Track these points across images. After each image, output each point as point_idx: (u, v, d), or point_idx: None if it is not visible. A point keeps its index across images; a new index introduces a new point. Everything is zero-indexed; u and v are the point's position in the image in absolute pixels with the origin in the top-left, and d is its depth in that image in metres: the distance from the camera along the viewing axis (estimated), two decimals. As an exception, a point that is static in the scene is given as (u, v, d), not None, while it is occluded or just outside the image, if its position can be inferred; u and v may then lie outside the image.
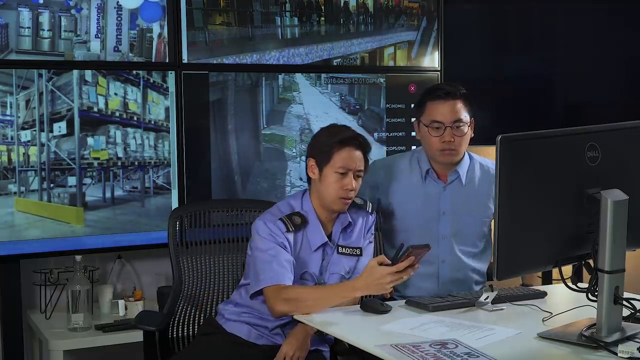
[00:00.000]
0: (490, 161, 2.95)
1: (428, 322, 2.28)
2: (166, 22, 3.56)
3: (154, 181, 3.59)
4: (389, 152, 4.03)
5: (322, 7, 3.89)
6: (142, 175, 3.57)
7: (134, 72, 3.52)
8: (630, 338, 2.03)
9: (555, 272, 2.49)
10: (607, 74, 4.20)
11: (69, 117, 3.41)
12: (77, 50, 3.43)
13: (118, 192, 3.52)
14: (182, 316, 2.94)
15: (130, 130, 3.53)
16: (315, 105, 3.90)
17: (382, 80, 4.04)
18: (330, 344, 2.77)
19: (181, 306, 2.94)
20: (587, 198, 2.01)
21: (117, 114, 3.51)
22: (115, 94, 3.50)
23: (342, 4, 3.93)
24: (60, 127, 3.40)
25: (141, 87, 3.55)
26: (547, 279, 3.67)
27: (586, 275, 2.13)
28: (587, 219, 2.03)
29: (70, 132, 3.42)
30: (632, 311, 2.10)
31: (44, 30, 3.37)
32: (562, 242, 2.05)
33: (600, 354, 1.96)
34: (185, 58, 3.60)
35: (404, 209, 2.89)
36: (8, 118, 3.32)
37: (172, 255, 2.93)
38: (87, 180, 3.46)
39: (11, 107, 3.32)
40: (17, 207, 3.34)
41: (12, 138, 3.33)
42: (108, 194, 3.50)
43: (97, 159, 3.47)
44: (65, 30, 3.40)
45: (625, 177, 2.07)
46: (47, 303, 3.50)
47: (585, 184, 2.02)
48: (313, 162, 2.67)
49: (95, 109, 3.46)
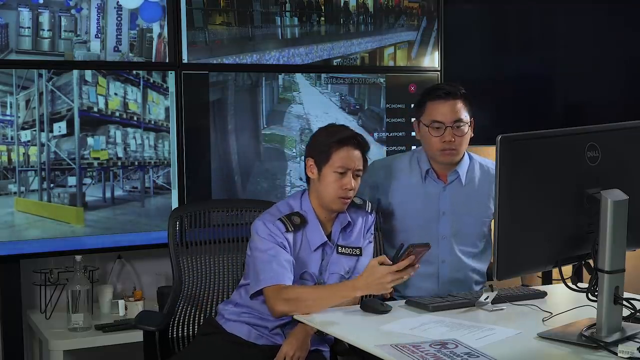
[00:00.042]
0: (490, 161, 2.95)
1: (428, 322, 2.28)
2: (166, 22, 3.56)
3: (154, 181, 3.59)
4: (389, 152, 4.03)
5: (322, 7, 3.89)
6: (142, 175, 3.57)
7: (134, 72, 3.52)
8: (630, 338, 2.03)
9: (555, 272, 2.49)
10: (607, 74, 4.20)
11: (69, 117, 3.41)
12: (77, 50, 3.43)
13: (118, 192, 3.52)
14: (182, 316, 2.94)
15: (130, 130, 3.53)
16: (315, 105, 3.89)
17: (382, 80, 4.04)
18: (330, 344, 2.77)
19: (181, 306, 2.94)
20: (587, 198, 2.01)
21: (117, 114, 3.51)
22: (115, 94, 3.50)
23: (342, 4, 3.93)
24: (60, 127, 3.40)
25: (141, 87, 3.55)
26: (547, 279, 3.67)
27: (586, 275, 2.13)
28: (587, 219, 2.03)
29: (70, 132, 3.42)
30: (632, 311, 2.10)
31: (44, 30, 3.37)
32: (562, 242, 2.05)
33: (600, 354, 1.96)
34: (185, 58, 3.60)
35: (403, 209, 2.89)
36: (8, 118, 3.32)
37: (172, 255, 2.93)
38: (87, 180, 3.46)
39: (11, 107, 3.32)
40: (17, 207, 3.34)
41: (12, 138, 3.33)
42: (108, 194, 3.50)
43: (97, 159, 3.47)
44: (65, 30, 3.40)
45: (625, 177, 2.07)
46: (47, 303, 3.50)
47: (585, 184, 2.02)
48: (312, 162, 2.66)
49: (95, 109, 3.46)
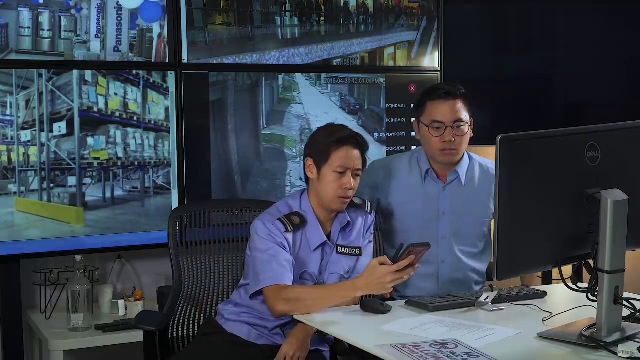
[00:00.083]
0: (490, 161, 2.95)
1: (428, 322, 2.28)
2: (166, 22, 3.56)
3: (154, 181, 3.59)
4: (389, 152, 4.03)
5: (322, 7, 3.89)
6: (142, 175, 3.57)
7: (134, 72, 3.52)
8: (630, 338, 2.03)
9: (555, 272, 2.49)
10: (607, 74, 4.20)
11: (69, 117, 3.41)
12: (77, 50, 3.43)
13: (118, 192, 3.52)
14: (182, 316, 2.94)
15: (130, 130, 3.53)
16: (315, 105, 3.89)
17: (382, 80, 4.04)
18: (330, 344, 2.77)
19: (181, 306, 2.94)
20: (587, 198, 2.01)
21: (117, 114, 3.51)
22: (115, 94, 3.50)
23: (342, 4, 3.93)
24: (60, 127, 3.40)
25: (141, 87, 3.55)
26: (547, 279, 3.67)
27: (586, 275, 2.13)
28: (587, 219, 2.03)
29: (70, 132, 3.42)
30: (632, 311, 2.10)
31: (44, 30, 3.37)
32: (562, 242, 2.05)
33: (600, 354, 1.96)
34: (185, 58, 3.60)
35: (403, 209, 2.89)
36: (8, 118, 3.32)
37: (172, 255, 2.93)
38: (87, 180, 3.46)
39: (11, 107, 3.32)
40: (17, 207, 3.34)
41: (12, 138, 3.32)
42: (108, 194, 3.50)
43: (97, 159, 3.47)
44: (65, 30, 3.40)
45: (625, 177, 2.07)
46: (47, 303, 3.50)
47: (585, 184, 2.02)
48: (311, 162, 2.66)
49: (95, 109, 3.46)
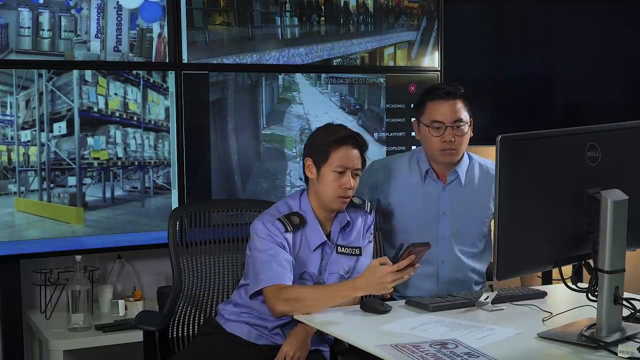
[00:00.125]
0: (490, 161, 2.95)
1: (428, 322, 2.28)
2: (166, 22, 3.56)
3: (154, 181, 3.59)
4: (389, 152, 4.03)
5: (322, 7, 3.89)
6: (142, 175, 3.57)
7: (134, 72, 3.52)
8: (630, 338, 2.03)
9: (555, 272, 2.49)
10: (607, 74, 4.20)
11: (69, 117, 3.41)
12: (77, 50, 3.43)
13: (118, 192, 3.52)
14: (182, 316, 2.94)
15: (130, 130, 3.53)
16: (315, 105, 3.89)
17: (382, 80, 4.04)
18: (330, 344, 2.77)
19: (181, 306, 2.94)
20: (587, 198, 2.01)
21: (117, 114, 3.51)
22: (115, 94, 3.50)
23: (342, 4, 3.93)
24: (60, 127, 3.40)
25: (141, 87, 3.55)
26: (547, 279, 3.67)
27: (586, 275, 2.13)
28: (587, 219, 2.03)
29: (70, 132, 3.42)
30: (632, 311, 2.10)
31: (44, 30, 3.37)
32: (562, 242, 2.05)
33: (600, 354, 1.96)
34: (185, 58, 3.60)
35: (403, 209, 2.89)
36: (8, 118, 3.32)
37: (172, 255, 2.93)
38: (87, 180, 3.46)
39: (11, 107, 3.32)
40: (17, 207, 3.34)
41: (12, 138, 3.32)
42: (108, 194, 3.50)
43: (97, 159, 3.47)
44: (65, 30, 3.40)
45: (625, 177, 2.07)
46: (47, 303, 3.50)
47: (585, 184, 2.02)
48: (310, 162, 2.66)
49: (95, 109, 3.46)
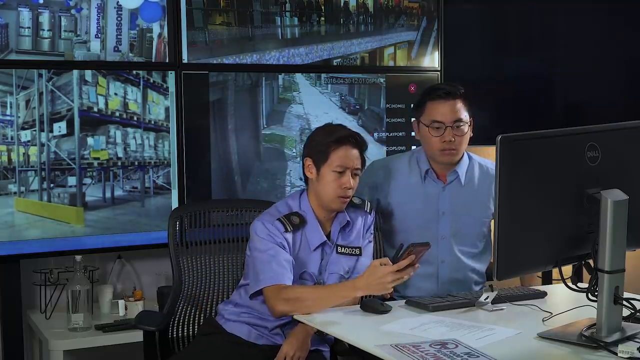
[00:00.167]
0: (490, 161, 2.95)
1: (428, 322, 2.28)
2: (166, 22, 3.56)
3: (154, 181, 3.59)
4: (389, 152, 4.03)
5: (322, 7, 3.89)
6: (142, 175, 3.57)
7: (134, 72, 3.52)
8: (630, 338, 2.03)
9: (555, 272, 2.49)
10: (607, 74, 4.20)
11: (69, 117, 3.41)
12: (77, 50, 3.43)
13: (118, 192, 3.52)
14: (182, 316, 2.94)
15: (130, 130, 3.53)
16: (315, 105, 3.89)
17: (382, 80, 4.04)
18: (330, 344, 2.77)
19: (181, 306, 2.94)
20: (587, 198, 2.01)
21: (117, 114, 3.51)
22: (115, 94, 3.50)
23: (342, 4, 3.93)
24: (60, 127, 3.40)
25: (141, 87, 3.55)
26: (547, 279, 3.67)
27: (586, 275, 2.13)
28: (587, 219, 2.03)
29: (70, 132, 3.42)
30: (632, 311, 2.10)
31: (44, 30, 3.37)
32: (562, 242, 2.05)
33: (600, 354, 1.96)
34: (185, 58, 3.60)
35: (403, 209, 2.89)
36: (8, 118, 3.32)
37: (172, 255, 2.93)
38: (87, 180, 3.46)
39: (11, 107, 3.32)
40: (17, 207, 3.34)
41: (12, 138, 3.32)
42: (108, 194, 3.50)
43: (97, 159, 3.47)
44: (65, 30, 3.40)
45: (625, 177, 2.07)
46: (47, 303, 3.50)
47: (585, 184, 2.02)
48: (310, 162, 2.66)
49: (95, 109, 3.46)
